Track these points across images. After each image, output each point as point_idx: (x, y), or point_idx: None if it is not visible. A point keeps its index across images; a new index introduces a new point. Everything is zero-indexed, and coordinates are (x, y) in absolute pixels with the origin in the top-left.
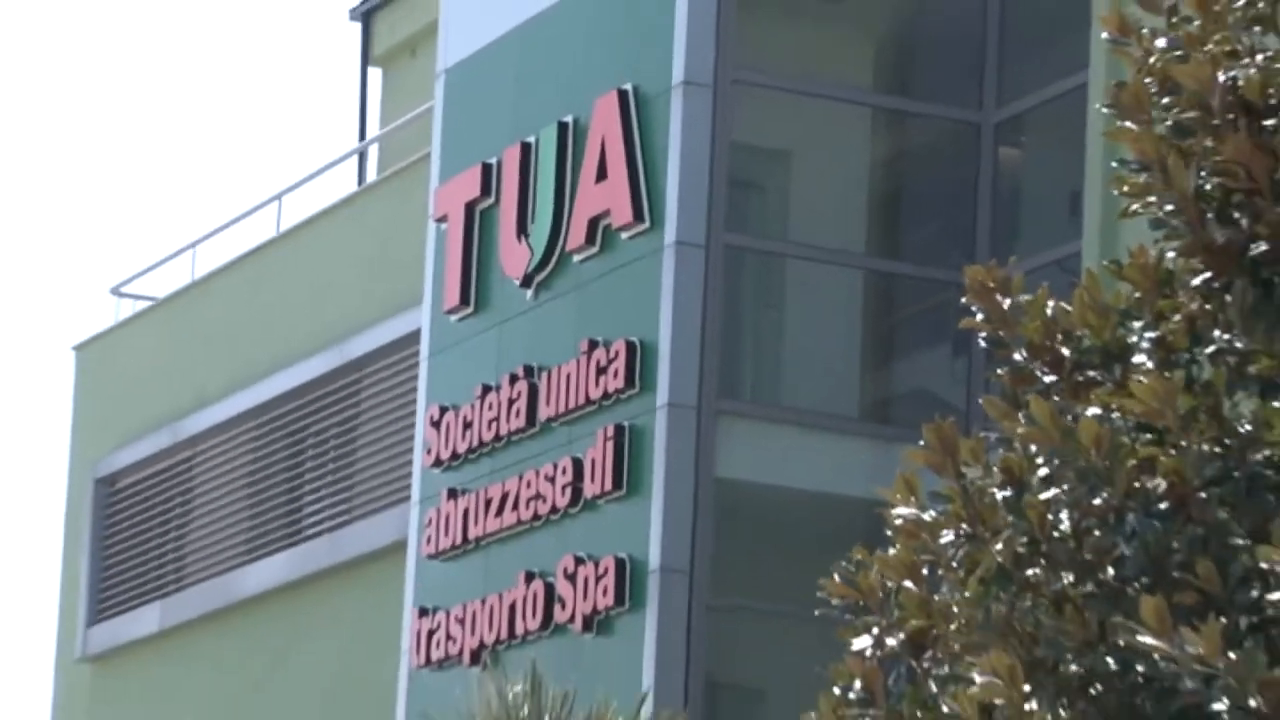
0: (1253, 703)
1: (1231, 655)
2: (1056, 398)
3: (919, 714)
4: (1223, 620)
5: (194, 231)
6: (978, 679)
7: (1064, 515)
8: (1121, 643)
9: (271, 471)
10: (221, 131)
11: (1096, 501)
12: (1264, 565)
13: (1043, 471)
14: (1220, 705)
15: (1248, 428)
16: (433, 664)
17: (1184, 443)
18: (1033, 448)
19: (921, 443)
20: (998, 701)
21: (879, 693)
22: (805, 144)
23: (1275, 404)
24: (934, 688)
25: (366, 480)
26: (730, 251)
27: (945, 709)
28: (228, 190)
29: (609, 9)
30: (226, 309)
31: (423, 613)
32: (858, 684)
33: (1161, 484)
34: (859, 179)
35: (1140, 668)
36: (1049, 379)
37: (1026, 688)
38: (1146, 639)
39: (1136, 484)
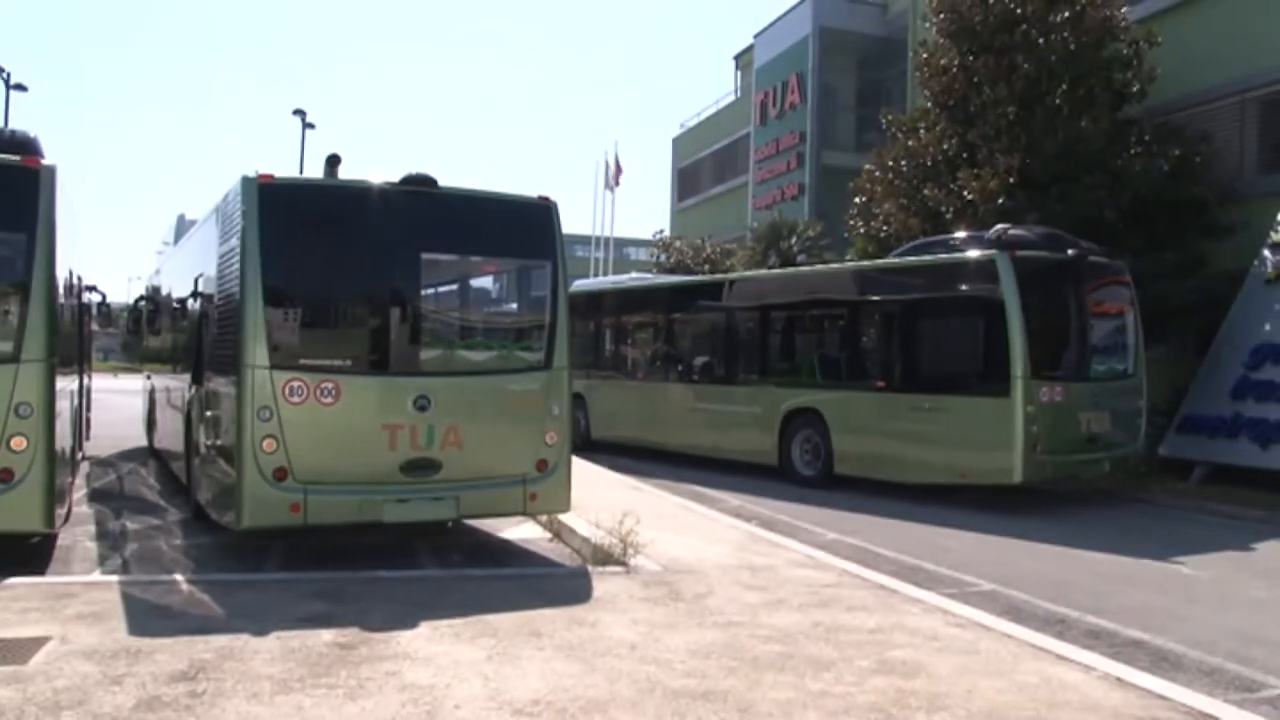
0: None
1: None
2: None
3: (867, 218)
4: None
5: None
6: (886, 207)
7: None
8: (927, 202)
9: None
10: None
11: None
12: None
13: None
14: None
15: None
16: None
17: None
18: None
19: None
20: (890, 223)
21: (874, 189)
22: None
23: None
24: (874, 212)
25: None
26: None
27: (877, 214)
28: None
29: None
30: None
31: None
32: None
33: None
34: None
35: (941, 209)
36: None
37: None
38: (936, 193)
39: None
